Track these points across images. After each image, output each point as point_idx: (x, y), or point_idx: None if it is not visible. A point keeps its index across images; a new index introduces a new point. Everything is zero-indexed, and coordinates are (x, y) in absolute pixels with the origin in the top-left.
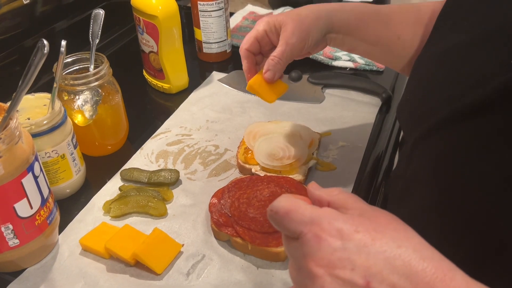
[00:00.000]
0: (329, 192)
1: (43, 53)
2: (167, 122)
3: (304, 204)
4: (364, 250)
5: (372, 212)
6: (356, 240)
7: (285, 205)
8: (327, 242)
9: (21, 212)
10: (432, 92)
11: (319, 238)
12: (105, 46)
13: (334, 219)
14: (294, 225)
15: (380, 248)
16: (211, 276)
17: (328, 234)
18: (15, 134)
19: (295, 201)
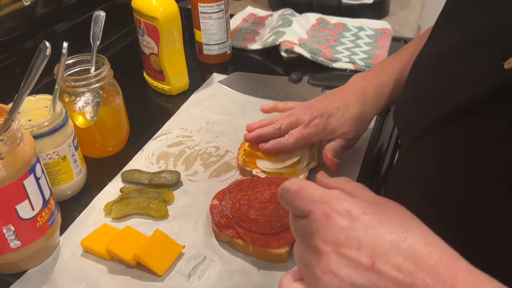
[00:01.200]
0: (337, 180)
1: (45, 55)
2: (167, 124)
3: (315, 184)
4: (371, 231)
5: (380, 199)
6: (364, 221)
7: (296, 184)
8: (336, 221)
9: (22, 214)
10: (425, 94)
11: (328, 216)
12: (106, 47)
13: (344, 199)
14: (304, 202)
15: (387, 230)
16: (212, 277)
17: (337, 213)
18: (17, 135)
19: (306, 181)
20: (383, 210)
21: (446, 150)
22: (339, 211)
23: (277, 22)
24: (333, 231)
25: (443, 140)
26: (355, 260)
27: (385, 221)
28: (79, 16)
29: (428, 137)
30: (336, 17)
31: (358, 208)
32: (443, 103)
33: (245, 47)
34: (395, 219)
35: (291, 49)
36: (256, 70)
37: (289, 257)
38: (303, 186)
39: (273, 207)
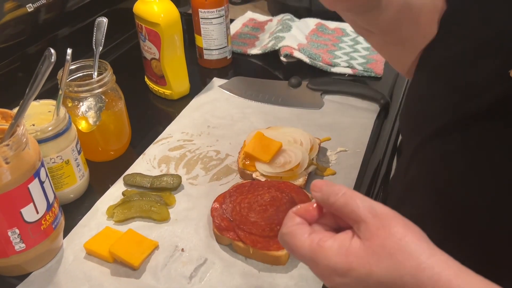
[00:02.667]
0: (326, 201)
1: (50, 62)
2: (169, 128)
3: (302, 240)
4: (362, 283)
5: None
6: (353, 277)
7: (286, 242)
8: (330, 279)
9: (27, 217)
10: (431, 101)
11: (322, 276)
12: (107, 52)
13: (328, 260)
14: (300, 259)
15: (376, 281)
16: (213, 279)
17: (328, 274)
18: (22, 140)
19: (294, 235)
20: (369, 256)
21: (452, 158)
22: (328, 272)
23: (277, 27)
24: (331, 283)
25: (449, 147)
26: None
27: (371, 271)
28: (82, 22)
29: (434, 144)
30: (335, 22)
31: (343, 266)
32: (449, 111)
33: (245, 52)
34: (383, 264)
35: (291, 54)
36: (256, 75)
37: (289, 259)
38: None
39: (273, 210)
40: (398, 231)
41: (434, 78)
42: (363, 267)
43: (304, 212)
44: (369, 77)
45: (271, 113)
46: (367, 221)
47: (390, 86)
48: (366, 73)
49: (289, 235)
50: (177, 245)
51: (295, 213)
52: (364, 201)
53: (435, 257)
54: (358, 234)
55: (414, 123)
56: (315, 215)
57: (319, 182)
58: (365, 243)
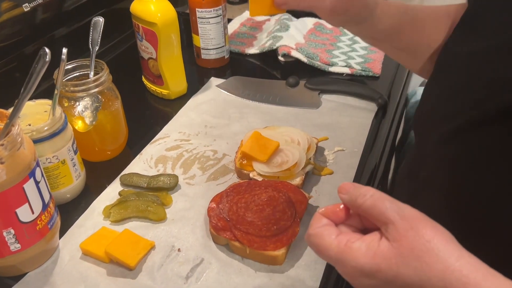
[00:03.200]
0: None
1: (45, 61)
2: (166, 128)
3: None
4: (389, 285)
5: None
6: (380, 278)
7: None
8: (357, 280)
9: (22, 217)
10: (451, 98)
11: (349, 277)
12: (104, 52)
13: (356, 262)
14: (327, 260)
15: (403, 283)
16: (209, 279)
17: (355, 275)
18: (17, 140)
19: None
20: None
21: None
22: (355, 274)
23: (275, 26)
24: (358, 285)
25: (469, 146)
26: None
27: (399, 273)
28: (78, 22)
29: (453, 142)
30: None
31: (371, 266)
32: (470, 109)
33: (242, 51)
34: (410, 267)
35: (288, 54)
36: (254, 74)
37: (286, 259)
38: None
39: (270, 209)
40: (426, 233)
41: (457, 74)
42: (391, 269)
43: (331, 213)
44: (367, 76)
45: (269, 113)
46: (395, 222)
47: (388, 85)
48: (364, 73)
49: (317, 236)
50: (173, 245)
51: (322, 214)
52: (392, 202)
53: (463, 260)
54: (386, 236)
55: (431, 121)
56: (342, 217)
57: (347, 184)
58: (393, 245)
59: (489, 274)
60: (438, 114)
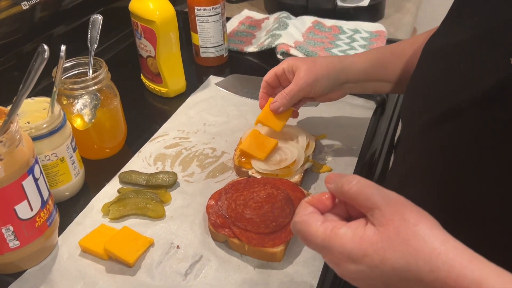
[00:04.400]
0: (341, 189)
1: (44, 58)
2: (164, 126)
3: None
4: (376, 270)
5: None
6: (367, 263)
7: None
8: (343, 267)
9: (21, 214)
10: (432, 87)
11: (334, 263)
12: (103, 50)
13: (343, 247)
14: (313, 248)
15: (390, 267)
16: (208, 276)
17: (342, 261)
18: (16, 137)
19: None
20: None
21: (452, 145)
22: (342, 259)
23: (273, 25)
24: (344, 272)
25: (450, 134)
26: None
27: (386, 257)
28: (77, 20)
29: (434, 131)
30: (331, 20)
31: (357, 252)
32: (450, 97)
33: (241, 49)
34: (397, 251)
35: (287, 52)
36: (252, 73)
37: (284, 255)
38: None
39: (268, 207)
40: (412, 218)
41: (435, 65)
42: (377, 254)
43: (316, 202)
44: None
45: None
46: (381, 207)
47: None
48: None
49: (303, 223)
50: (172, 242)
51: (307, 203)
52: (378, 189)
53: (449, 244)
54: (372, 221)
55: (414, 111)
56: (328, 205)
57: (332, 175)
58: (379, 229)
59: (474, 258)
60: (420, 104)
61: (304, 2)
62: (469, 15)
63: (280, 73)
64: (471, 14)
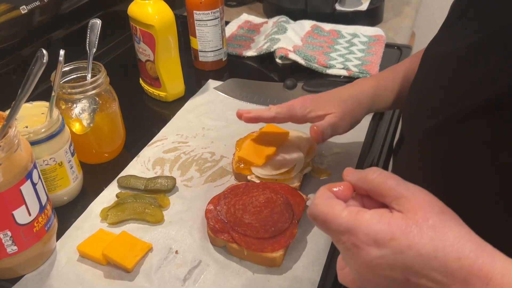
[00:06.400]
0: (364, 178)
1: (42, 63)
2: (163, 130)
3: (339, 210)
4: (400, 256)
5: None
6: (392, 247)
7: (321, 212)
8: (365, 251)
9: (19, 219)
10: (435, 94)
11: (357, 247)
12: (102, 55)
13: (370, 228)
14: (332, 233)
15: (416, 253)
16: (207, 281)
17: (365, 244)
18: (14, 142)
19: (331, 206)
20: (411, 226)
21: (458, 151)
22: (366, 241)
23: (272, 29)
24: (365, 259)
25: (454, 141)
26: (390, 277)
27: (414, 243)
28: (76, 24)
29: (438, 138)
30: (330, 24)
31: (385, 234)
32: (455, 103)
33: (240, 54)
34: (424, 236)
35: (286, 56)
36: (251, 77)
37: (284, 260)
38: (329, 215)
39: (267, 211)
40: (438, 206)
41: (438, 71)
42: (406, 238)
43: (336, 190)
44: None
45: None
46: (407, 196)
47: None
48: (361, 75)
49: (324, 205)
50: (171, 247)
51: (327, 189)
52: (400, 179)
53: (473, 234)
54: (399, 209)
55: (416, 119)
56: (347, 195)
57: (350, 169)
58: (408, 215)
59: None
60: (422, 112)
61: (303, 6)
62: (468, 21)
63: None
64: (470, 20)
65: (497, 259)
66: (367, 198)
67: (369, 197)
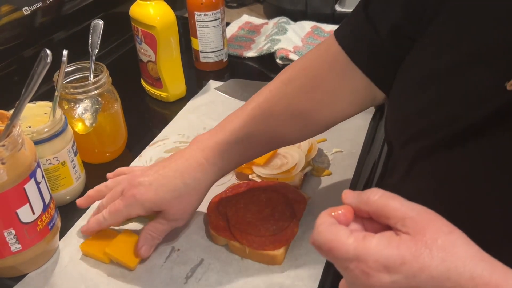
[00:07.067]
0: (366, 201)
1: (46, 63)
2: (165, 130)
3: (345, 236)
4: (413, 280)
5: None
6: (404, 272)
7: (326, 240)
8: (376, 278)
9: (23, 218)
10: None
11: (367, 274)
12: (104, 55)
13: (379, 254)
14: (339, 262)
15: (429, 276)
16: (209, 279)
17: (376, 270)
18: (18, 141)
19: (335, 233)
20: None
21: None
22: (377, 268)
23: (273, 30)
24: (376, 286)
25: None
26: None
27: (425, 265)
28: (78, 25)
29: (433, 158)
30: (330, 25)
31: (395, 259)
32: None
33: (241, 54)
34: (435, 257)
35: (286, 57)
36: (252, 77)
37: (285, 259)
38: (334, 242)
39: (268, 210)
40: (444, 226)
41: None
42: (417, 261)
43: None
44: None
45: None
46: (413, 217)
47: None
48: None
49: (329, 233)
50: (173, 245)
51: (328, 215)
52: (404, 200)
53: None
54: (406, 231)
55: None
56: (349, 218)
57: (349, 191)
58: (417, 237)
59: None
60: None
61: (303, 7)
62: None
63: None
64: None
65: (510, 276)
66: (368, 220)
67: (371, 219)
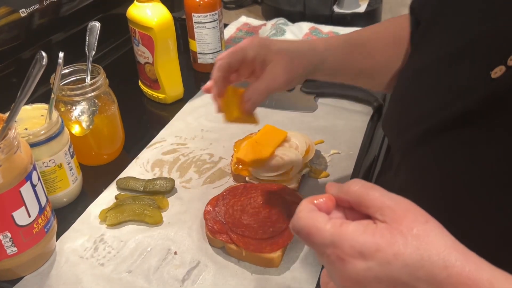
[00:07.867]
0: (347, 190)
1: (42, 65)
2: (162, 132)
3: (323, 222)
4: (387, 267)
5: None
6: (378, 259)
7: (305, 225)
8: (351, 264)
9: (19, 221)
10: (413, 106)
11: (342, 260)
12: (101, 57)
13: (355, 240)
14: (316, 247)
15: (402, 263)
16: (206, 282)
17: (351, 256)
18: (14, 144)
19: (314, 219)
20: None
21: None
22: (352, 254)
23: (271, 31)
24: (351, 273)
25: (436, 151)
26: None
27: (400, 253)
28: (75, 27)
29: (421, 149)
30: (328, 26)
31: (370, 245)
32: (433, 114)
33: None
34: (409, 245)
35: None
36: None
37: (282, 261)
38: (312, 228)
39: (266, 212)
40: (421, 216)
41: (414, 84)
42: (391, 248)
43: (318, 202)
44: None
45: (265, 117)
46: (391, 206)
47: None
48: None
49: (308, 218)
50: (170, 248)
51: (309, 202)
52: (383, 190)
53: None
54: (383, 219)
55: (398, 129)
56: (330, 206)
57: (333, 183)
58: (393, 225)
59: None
60: (402, 123)
61: (301, 9)
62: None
63: (248, 60)
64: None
65: (483, 267)
66: (349, 210)
67: (352, 209)
